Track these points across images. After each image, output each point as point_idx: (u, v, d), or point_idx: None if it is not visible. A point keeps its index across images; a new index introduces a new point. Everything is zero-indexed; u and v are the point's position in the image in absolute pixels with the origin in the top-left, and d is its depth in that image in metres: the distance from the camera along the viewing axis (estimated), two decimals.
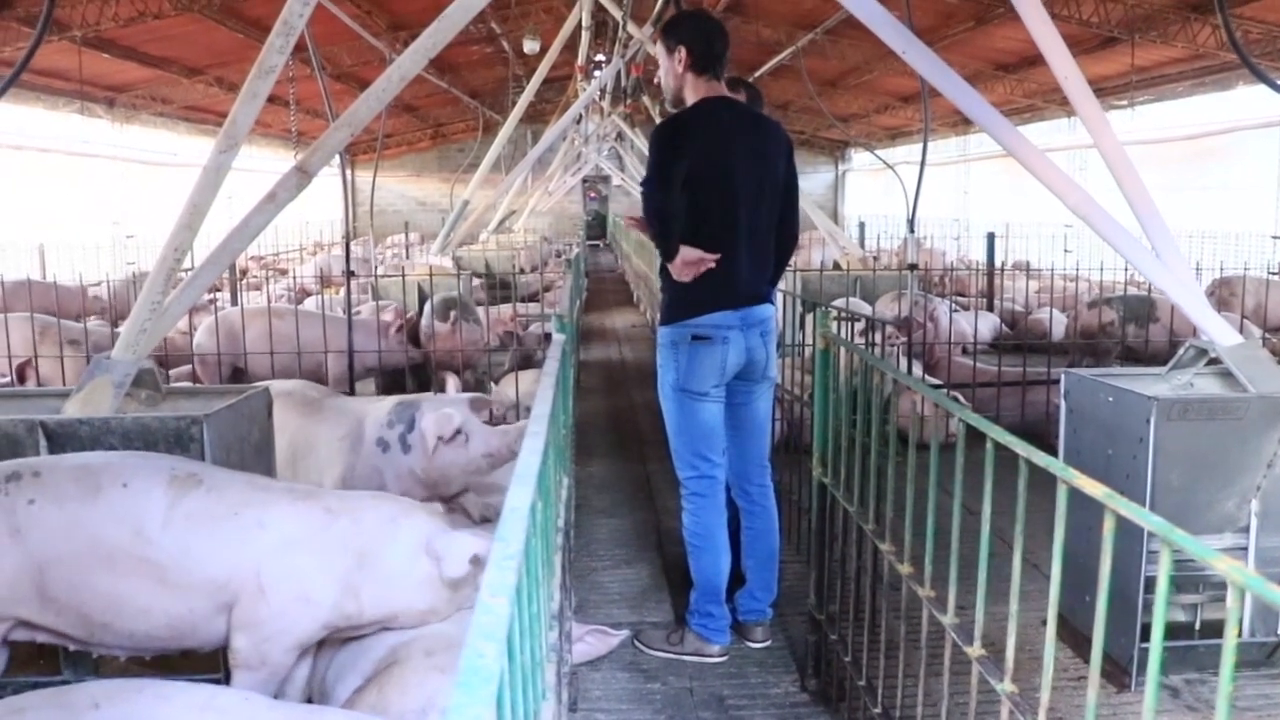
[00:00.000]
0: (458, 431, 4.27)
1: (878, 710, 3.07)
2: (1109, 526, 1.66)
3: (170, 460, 3.11)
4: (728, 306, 3.89)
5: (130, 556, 2.84)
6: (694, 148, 3.80)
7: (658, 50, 4.09)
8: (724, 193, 3.83)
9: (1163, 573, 1.48)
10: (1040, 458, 1.89)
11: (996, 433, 2.07)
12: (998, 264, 13.52)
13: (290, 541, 2.95)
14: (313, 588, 2.93)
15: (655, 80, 4.23)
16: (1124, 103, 17.62)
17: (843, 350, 3.58)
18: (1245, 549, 3.79)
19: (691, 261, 3.81)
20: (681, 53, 3.93)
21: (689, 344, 3.91)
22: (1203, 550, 1.37)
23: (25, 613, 2.87)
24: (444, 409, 4.31)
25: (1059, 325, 10.18)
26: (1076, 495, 1.79)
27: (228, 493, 2.98)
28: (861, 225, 23.99)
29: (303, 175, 3.71)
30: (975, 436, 2.26)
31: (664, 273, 3.98)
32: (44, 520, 2.85)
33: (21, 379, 6.66)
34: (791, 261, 4.66)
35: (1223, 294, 9.71)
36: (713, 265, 3.82)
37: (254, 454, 3.80)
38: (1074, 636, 3.98)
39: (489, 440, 4.32)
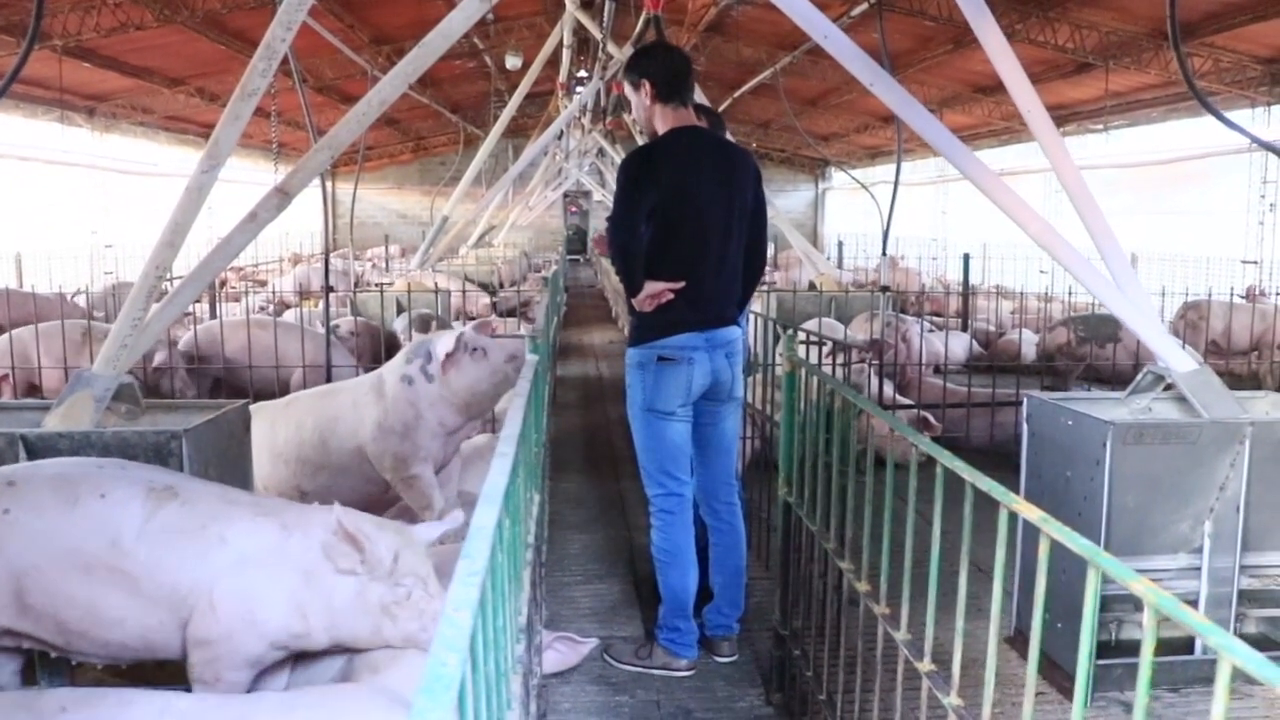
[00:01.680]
0: (474, 348, 4.51)
1: None
2: (1044, 548, 1.75)
3: (148, 471, 3.12)
4: (693, 329, 3.99)
5: (106, 567, 2.85)
6: (663, 177, 3.90)
7: (626, 88, 4.20)
8: (692, 220, 3.93)
9: (1090, 591, 1.58)
10: (985, 483, 1.99)
11: (945, 457, 2.17)
12: (974, 284, 13.68)
13: (244, 558, 2.91)
14: (259, 606, 2.89)
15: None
16: (1099, 126, 17.84)
17: (806, 373, 3.68)
18: (1199, 569, 3.91)
19: (654, 294, 3.92)
20: (646, 85, 4.05)
21: (655, 365, 4.00)
22: (1123, 572, 1.46)
23: (4, 620, 2.89)
24: (448, 331, 4.62)
25: (1031, 346, 10.32)
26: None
27: (199, 506, 2.98)
28: (840, 244, 24.14)
29: (283, 196, 3.78)
30: (932, 459, 2.36)
31: (629, 299, 4.09)
32: (21, 530, 2.86)
33: None
34: (767, 281, 4.78)
35: (1191, 318, 9.86)
36: (672, 296, 3.93)
37: (232, 468, 3.86)
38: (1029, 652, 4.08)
39: (505, 347, 4.56)
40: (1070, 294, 11.54)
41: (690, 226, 3.94)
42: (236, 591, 2.88)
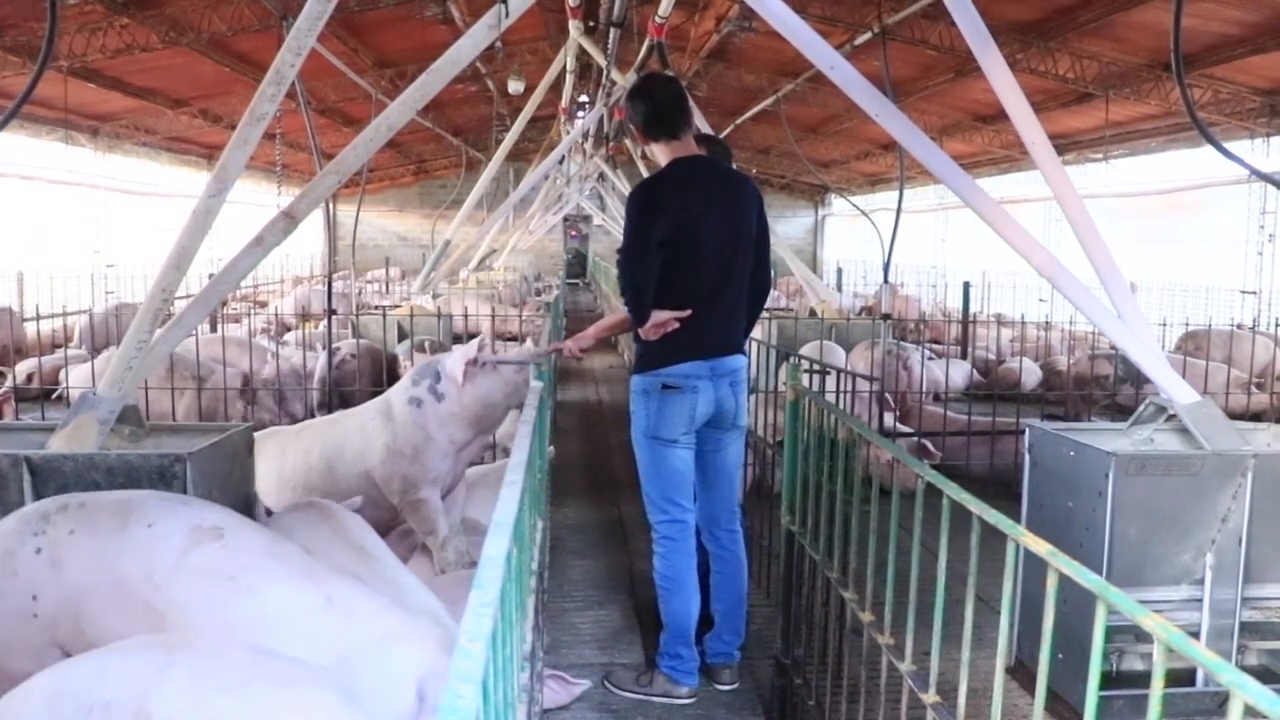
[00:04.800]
0: (481, 363, 4.54)
1: None
2: (1052, 583, 1.76)
3: (203, 510, 3.02)
4: (698, 357, 4.01)
5: (138, 599, 2.77)
6: (668, 208, 3.92)
7: (628, 124, 4.27)
8: (696, 248, 3.95)
9: (1098, 625, 1.58)
10: (991, 515, 1.99)
11: (952, 490, 2.17)
12: (974, 312, 13.71)
13: (272, 618, 2.72)
14: None
15: None
16: (1099, 156, 17.92)
17: (810, 401, 3.69)
18: (1200, 600, 3.90)
19: (659, 324, 3.94)
20: (637, 124, 4.10)
21: (659, 393, 4.02)
22: (1133, 607, 1.46)
23: (68, 644, 2.82)
24: (458, 350, 4.66)
25: (1031, 375, 10.34)
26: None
27: (239, 553, 2.85)
28: (839, 271, 24.19)
29: (290, 220, 3.80)
30: (937, 489, 2.36)
31: (634, 328, 4.10)
32: (80, 550, 2.84)
33: None
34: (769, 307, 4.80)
35: (1189, 348, 9.88)
36: (677, 325, 3.94)
37: (235, 491, 3.86)
38: (1035, 684, 4.07)
39: (512, 359, 4.60)
40: (1071, 323, 11.56)
41: (695, 255, 3.95)
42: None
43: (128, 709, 2.17)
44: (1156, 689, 1.43)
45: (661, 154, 4.09)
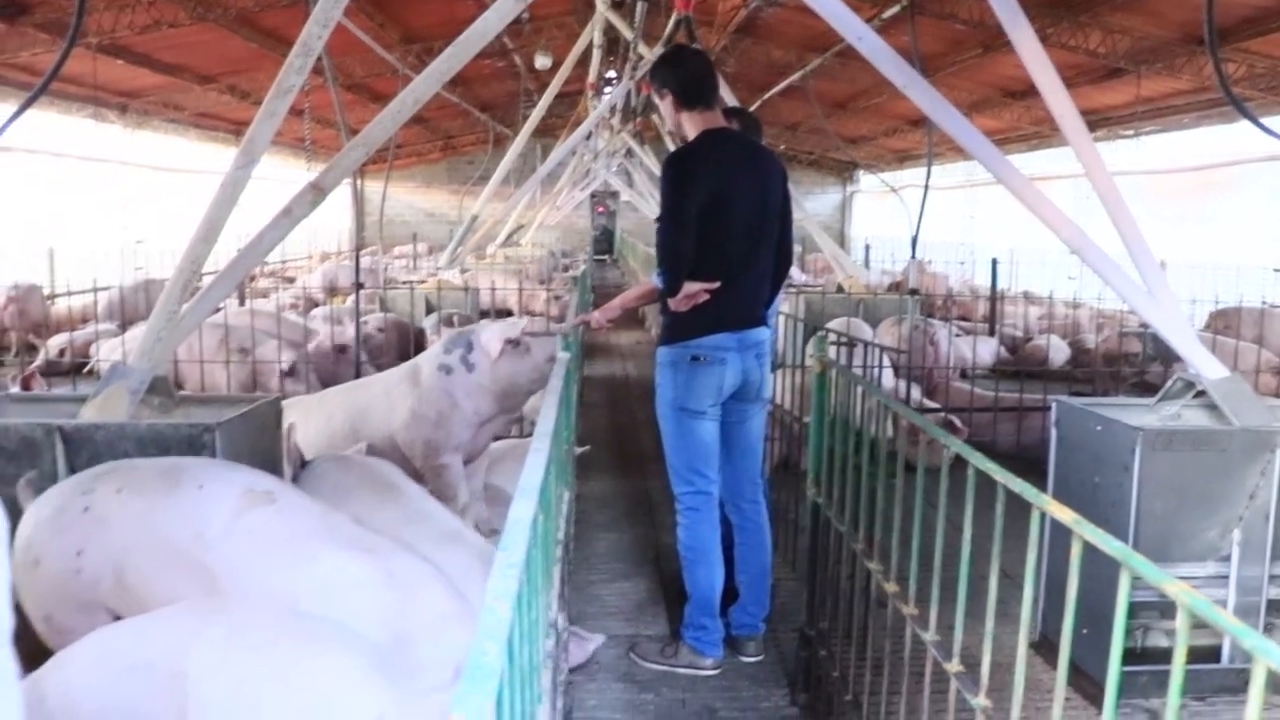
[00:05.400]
0: (517, 343, 4.57)
1: None
2: (1076, 551, 1.76)
3: (255, 475, 3.09)
4: (726, 329, 4.01)
5: (188, 558, 2.82)
6: (703, 178, 3.91)
7: (654, 93, 4.24)
8: (727, 222, 3.94)
9: (1121, 592, 1.58)
10: (1016, 484, 1.99)
11: (977, 459, 2.17)
12: (1002, 289, 13.63)
13: (333, 587, 2.74)
14: None
15: None
16: (1130, 132, 17.72)
17: (837, 374, 3.69)
18: (1227, 578, 3.88)
19: (690, 295, 3.93)
20: (668, 95, 4.08)
21: (688, 364, 4.02)
22: (1156, 573, 1.46)
23: (110, 602, 2.90)
24: (496, 325, 4.69)
25: (1059, 352, 10.28)
26: (1059, 521, 1.88)
27: (294, 518, 2.92)
28: (867, 248, 24.07)
29: (318, 192, 3.82)
30: (963, 461, 2.36)
31: (662, 299, 4.10)
32: (126, 509, 2.92)
33: (26, 388, 6.77)
34: (797, 282, 4.81)
35: (1219, 326, 9.79)
36: (707, 297, 3.94)
37: (263, 461, 3.89)
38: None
39: (546, 347, 4.58)
40: (1099, 300, 11.47)
41: (725, 227, 3.95)
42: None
43: (166, 668, 2.25)
44: (1179, 656, 1.43)
45: (692, 125, 4.08)
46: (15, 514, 3.14)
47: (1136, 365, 8.58)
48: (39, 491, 3.21)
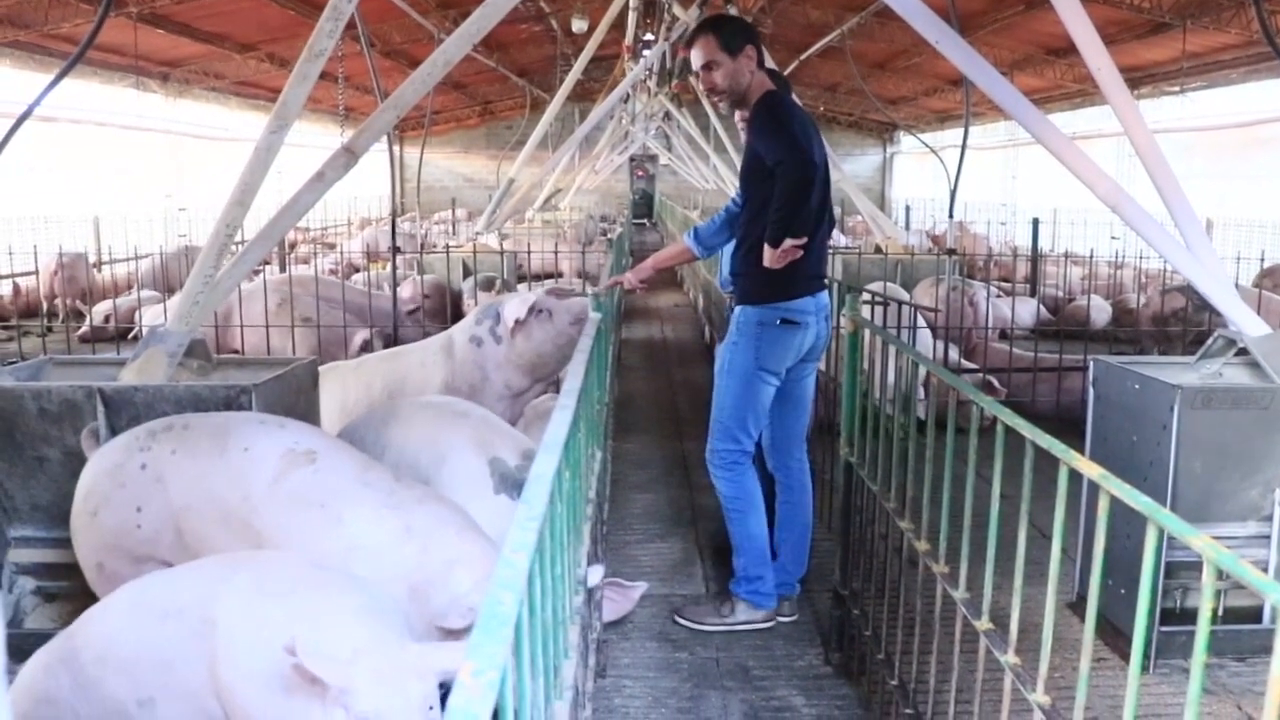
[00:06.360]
0: (540, 310, 4.55)
1: (894, 683, 3.16)
2: (1103, 506, 1.74)
3: (299, 433, 3.12)
4: (809, 292, 4.02)
5: (238, 519, 2.92)
6: (802, 128, 3.83)
7: (712, 55, 3.96)
8: (812, 179, 3.80)
9: (1149, 548, 1.57)
10: (1044, 439, 1.98)
11: (1006, 415, 2.16)
12: (1044, 250, 13.47)
13: (355, 547, 2.83)
14: None
15: None
16: (1176, 88, 17.42)
17: (871, 333, 3.67)
18: (1268, 537, 3.84)
19: (788, 251, 3.76)
20: (750, 51, 3.95)
21: (776, 326, 3.98)
22: (1182, 528, 1.45)
23: (168, 555, 3.00)
24: (518, 295, 4.66)
25: (1101, 313, 10.16)
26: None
27: (330, 479, 2.97)
28: (907, 209, 23.89)
29: (350, 155, 3.84)
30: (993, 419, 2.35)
31: (749, 256, 3.99)
32: (181, 471, 3.00)
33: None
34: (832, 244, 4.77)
35: (1267, 285, 9.64)
36: (800, 254, 3.81)
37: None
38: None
39: (571, 309, 4.58)
40: (1141, 259, 11.31)
41: (811, 186, 3.81)
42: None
43: (195, 614, 2.35)
44: (1205, 611, 1.42)
45: (758, 86, 3.97)
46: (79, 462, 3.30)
47: (1183, 320, 8.44)
48: (101, 443, 3.32)
